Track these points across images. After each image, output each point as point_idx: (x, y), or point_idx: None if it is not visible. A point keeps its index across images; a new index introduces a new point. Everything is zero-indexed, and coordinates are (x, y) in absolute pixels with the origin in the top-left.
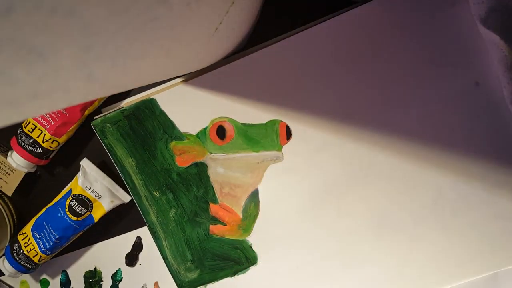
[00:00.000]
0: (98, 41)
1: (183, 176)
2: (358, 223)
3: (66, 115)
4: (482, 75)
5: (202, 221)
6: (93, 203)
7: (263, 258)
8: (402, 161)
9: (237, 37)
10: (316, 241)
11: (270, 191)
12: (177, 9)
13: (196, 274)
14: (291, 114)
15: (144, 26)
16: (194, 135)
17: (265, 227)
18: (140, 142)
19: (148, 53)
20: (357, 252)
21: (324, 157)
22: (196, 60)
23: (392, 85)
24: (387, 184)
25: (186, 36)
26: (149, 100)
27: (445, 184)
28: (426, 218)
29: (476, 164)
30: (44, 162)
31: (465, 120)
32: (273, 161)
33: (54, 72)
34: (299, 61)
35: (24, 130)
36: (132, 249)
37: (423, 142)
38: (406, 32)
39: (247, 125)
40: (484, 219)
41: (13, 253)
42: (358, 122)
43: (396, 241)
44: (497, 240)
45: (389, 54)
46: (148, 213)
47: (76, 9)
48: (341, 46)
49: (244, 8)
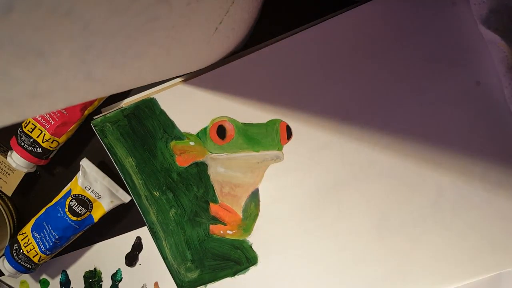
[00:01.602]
0: (98, 41)
1: (183, 175)
2: (359, 223)
3: (66, 115)
4: (483, 75)
5: (202, 221)
6: (93, 203)
7: (263, 258)
8: (402, 161)
9: (237, 37)
10: (316, 241)
11: (270, 191)
12: (177, 8)
13: (196, 274)
14: (292, 113)
15: (144, 25)
16: (194, 135)
17: (266, 227)
18: (140, 142)
19: (148, 53)
20: (357, 252)
21: (324, 157)
22: (196, 60)
23: (393, 84)
24: (388, 184)
25: (186, 36)
26: (149, 99)
27: (446, 184)
28: (427, 218)
29: (477, 164)
30: (44, 162)
31: (465, 120)
32: (273, 161)
33: (54, 72)
34: (300, 61)
35: (24, 130)
36: (132, 249)
37: (424, 142)
38: (406, 32)
39: (248, 124)
40: (484, 219)
41: (13, 253)
42: (358, 122)
43: (396, 241)
44: (498, 240)
45: (390, 54)
46: (148, 213)
47: (75, 9)
48: (341, 46)
49: (244, 8)
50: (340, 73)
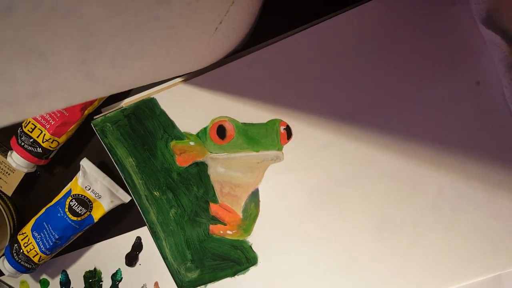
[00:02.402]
0: (98, 41)
1: (183, 175)
2: (359, 223)
3: (66, 115)
4: (483, 74)
5: (202, 221)
6: (93, 203)
7: (263, 259)
8: (402, 161)
9: (237, 37)
10: (317, 241)
11: (270, 191)
12: (177, 8)
13: (196, 274)
14: (292, 113)
15: (144, 25)
16: (194, 135)
17: (265, 227)
18: (140, 142)
19: (148, 53)
20: (357, 252)
21: (324, 157)
22: (196, 60)
23: (392, 84)
24: (388, 184)
25: (186, 35)
26: (149, 99)
27: (446, 184)
28: (427, 218)
29: (477, 164)
30: (44, 162)
31: (466, 119)
32: (273, 161)
33: (54, 72)
34: (300, 61)
35: (24, 130)
36: (132, 249)
37: (424, 142)
38: (406, 32)
39: (248, 124)
40: (485, 219)
41: (13, 253)
42: (358, 122)
43: (396, 241)
44: (499, 240)
45: (389, 54)
46: (148, 213)
47: (76, 9)
48: (341, 46)
49: (244, 8)
50: (340, 73)
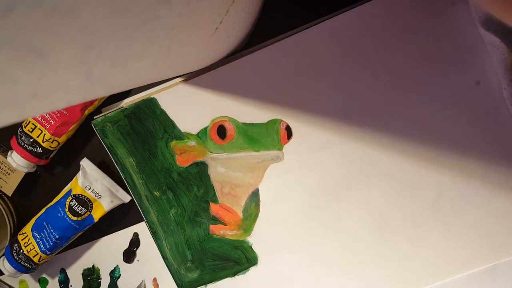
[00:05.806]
0: (98, 41)
1: (183, 175)
2: (359, 223)
3: (66, 114)
4: (483, 75)
5: (203, 221)
6: (93, 203)
7: (264, 259)
8: (402, 161)
9: (238, 37)
10: (317, 241)
11: (270, 191)
12: (177, 8)
13: (196, 274)
14: (292, 113)
15: (144, 25)
16: (194, 135)
17: (266, 227)
18: (141, 142)
19: (148, 53)
20: (357, 252)
21: (324, 157)
22: (196, 59)
23: (393, 84)
24: (388, 183)
25: (187, 35)
26: (149, 99)
27: (446, 184)
28: (427, 218)
29: (477, 163)
30: (44, 162)
31: (465, 120)
32: (273, 161)
33: (54, 72)
34: (300, 61)
35: (24, 130)
36: (130, 245)
37: (424, 142)
38: (406, 32)
39: (248, 124)
40: (485, 219)
41: (13, 253)
42: (358, 122)
43: (396, 241)
44: (499, 240)
45: (389, 54)
46: (149, 213)
47: (76, 9)
48: (341, 46)
49: (245, 8)
50: (340, 73)
